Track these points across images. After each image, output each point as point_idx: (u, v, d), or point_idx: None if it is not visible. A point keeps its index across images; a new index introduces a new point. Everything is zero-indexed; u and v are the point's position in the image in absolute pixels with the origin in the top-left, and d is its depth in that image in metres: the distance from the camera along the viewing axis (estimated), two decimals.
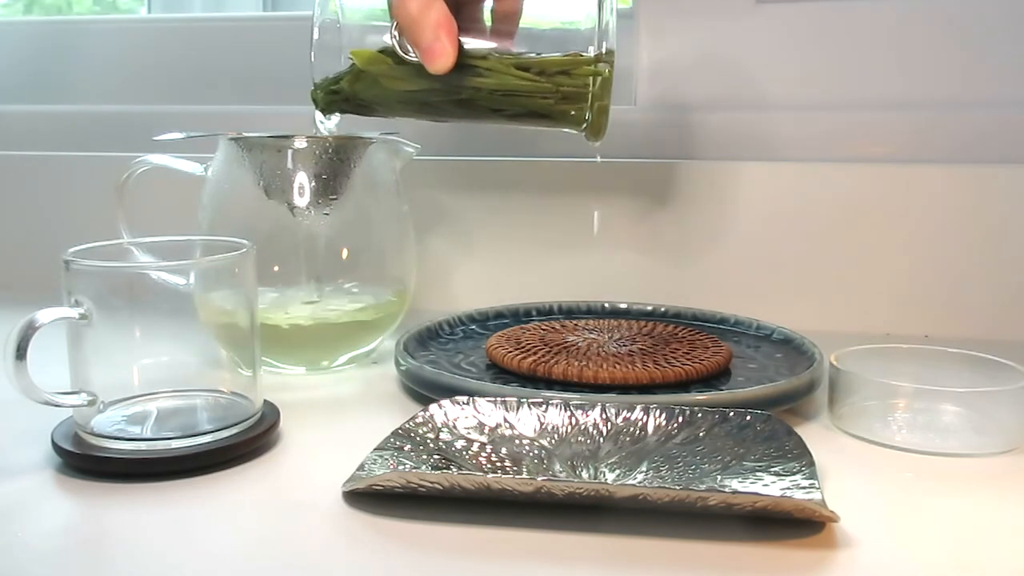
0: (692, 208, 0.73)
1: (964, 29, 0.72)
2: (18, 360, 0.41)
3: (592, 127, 0.55)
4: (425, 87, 0.54)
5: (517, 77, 0.53)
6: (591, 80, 0.52)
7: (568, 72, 0.52)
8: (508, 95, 0.53)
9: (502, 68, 0.53)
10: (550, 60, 0.53)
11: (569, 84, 0.52)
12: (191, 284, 0.45)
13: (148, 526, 0.38)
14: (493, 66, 0.53)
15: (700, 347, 0.57)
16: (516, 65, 0.53)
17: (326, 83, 0.56)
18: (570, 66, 0.52)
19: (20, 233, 0.84)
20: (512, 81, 0.53)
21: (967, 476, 0.44)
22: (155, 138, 0.63)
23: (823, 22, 0.74)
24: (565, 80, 0.52)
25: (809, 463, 0.41)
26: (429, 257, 0.74)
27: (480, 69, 0.53)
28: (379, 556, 0.36)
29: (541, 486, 0.37)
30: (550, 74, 0.53)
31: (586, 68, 0.52)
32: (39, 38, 0.92)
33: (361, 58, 0.55)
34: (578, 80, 0.52)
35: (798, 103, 0.75)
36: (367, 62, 0.55)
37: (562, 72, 0.52)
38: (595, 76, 0.52)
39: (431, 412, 0.46)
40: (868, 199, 0.70)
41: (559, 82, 0.52)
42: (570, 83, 0.52)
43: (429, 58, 0.51)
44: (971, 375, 0.50)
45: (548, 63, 0.53)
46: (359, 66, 0.55)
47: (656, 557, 0.36)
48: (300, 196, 0.58)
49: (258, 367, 0.47)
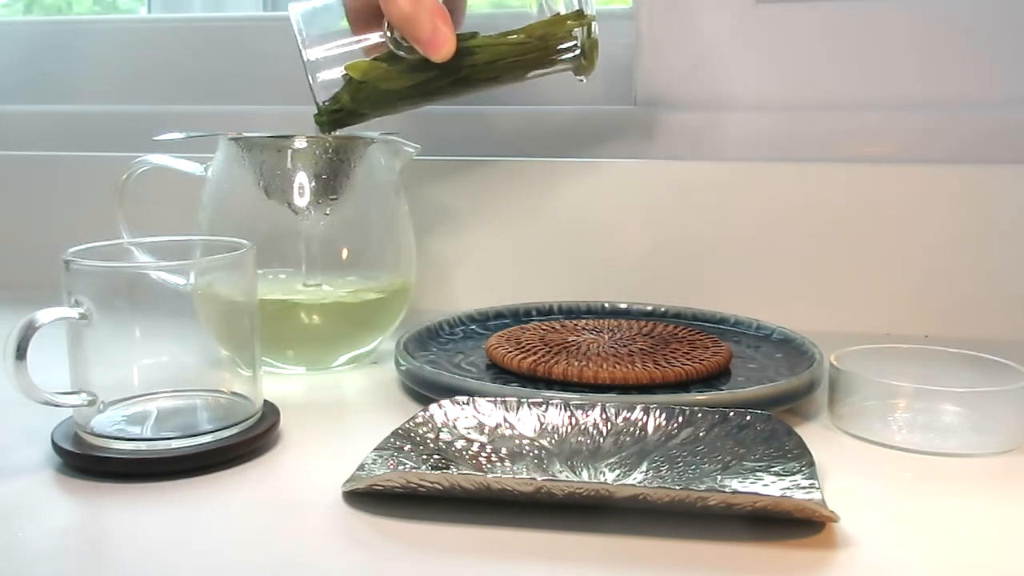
0: (692, 208, 0.73)
1: (963, 29, 0.72)
2: (18, 360, 0.41)
3: (588, 61, 0.57)
4: (424, 77, 0.55)
5: (508, 44, 0.55)
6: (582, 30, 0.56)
7: (551, 33, 0.56)
8: (503, 62, 0.56)
9: (492, 41, 0.55)
10: (533, 25, 0.56)
11: (557, 42, 0.56)
12: (191, 284, 0.45)
13: (148, 526, 0.38)
14: (482, 42, 0.55)
15: (700, 347, 0.57)
16: (502, 35, 0.56)
17: (327, 107, 0.57)
18: (554, 26, 0.56)
19: (20, 233, 0.84)
20: (504, 49, 0.55)
21: (967, 476, 0.44)
22: (155, 138, 0.63)
23: (823, 22, 0.74)
24: (552, 36, 0.56)
25: (809, 463, 0.41)
26: (429, 257, 0.74)
27: (471, 47, 0.55)
28: (379, 556, 0.36)
29: (541, 486, 0.37)
30: (537, 36, 0.56)
31: (569, 23, 0.55)
32: (39, 38, 0.92)
33: (358, 71, 0.56)
34: (565, 32, 0.56)
35: (798, 103, 0.75)
36: (364, 73, 0.56)
37: (544, 34, 0.56)
38: (581, 27, 0.56)
39: (431, 412, 0.46)
40: (868, 199, 0.70)
41: (547, 38, 0.56)
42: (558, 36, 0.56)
43: (433, 48, 0.52)
44: (971, 375, 0.50)
45: (532, 28, 0.56)
46: (357, 79, 0.56)
47: (656, 557, 0.36)
48: (300, 196, 0.58)
49: (258, 367, 0.47)
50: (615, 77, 0.80)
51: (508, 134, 0.78)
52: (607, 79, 0.80)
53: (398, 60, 0.55)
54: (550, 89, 0.81)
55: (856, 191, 0.71)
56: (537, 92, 0.81)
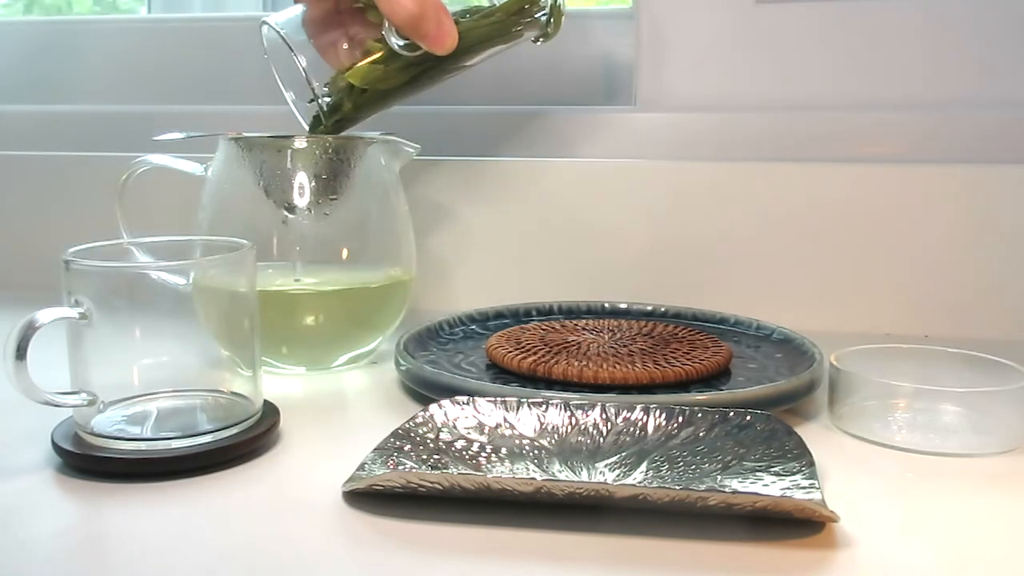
0: (692, 208, 0.73)
1: (964, 29, 0.72)
2: (18, 360, 0.41)
3: (555, 25, 0.61)
4: (418, 71, 0.57)
5: (490, 24, 0.58)
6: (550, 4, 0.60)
7: (525, 8, 0.59)
8: (485, 42, 0.59)
9: (472, 24, 0.58)
10: (505, 5, 0.59)
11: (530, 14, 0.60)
12: (191, 284, 0.45)
13: (148, 526, 0.38)
14: (467, 26, 0.57)
15: (700, 347, 0.57)
16: (482, 17, 0.58)
17: (328, 116, 0.58)
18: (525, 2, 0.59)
19: (20, 233, 0.84)
20: (487, 30, 0.58)
21: (967, 476, 0.44)
22: (155, 138, 0.63)
23: (823, 22, 0.74)
24: (528, 11, 0.59)
25: (809, 463, 0.41)
26: (429, 257, 0.74)
27: (461, 34, 0.56)
28: (379, 556, 0.36)
29: (541, 486, 0.37)
30: (511, 13, 0.59)
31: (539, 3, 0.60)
32: (39, 38, 0.92)
33: (358, 76, 0.56)
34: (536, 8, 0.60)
35: (798, 103, 0.75)
36: (364, 78, 0.56)
37: (520, 9, 0.59)
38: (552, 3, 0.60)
39: (431, 412, 0.46)
40: (868, 199, 0.70)
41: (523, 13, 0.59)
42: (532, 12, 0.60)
43: (439, 43, 0.54)
44: (971, 375, 0.50)
45: (505, 7, 0.59)
46: (358, 85, 0.56)
47: (656, 557, 0.36)
48: (300, 196, 0.58)
49: (258, 367, 0.47)
50: (615, 77, 0.80)
51: (508, 134, 0.78)
52: (607, 79, 0.81)
53: (395, 59, 0.56)
54: (550, 89, 0.81)
55: (856, 191, 0.71)
56: (537, 92, 0.81)
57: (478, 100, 0.80)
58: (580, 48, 0.81)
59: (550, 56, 0.81)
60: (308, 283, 0.59)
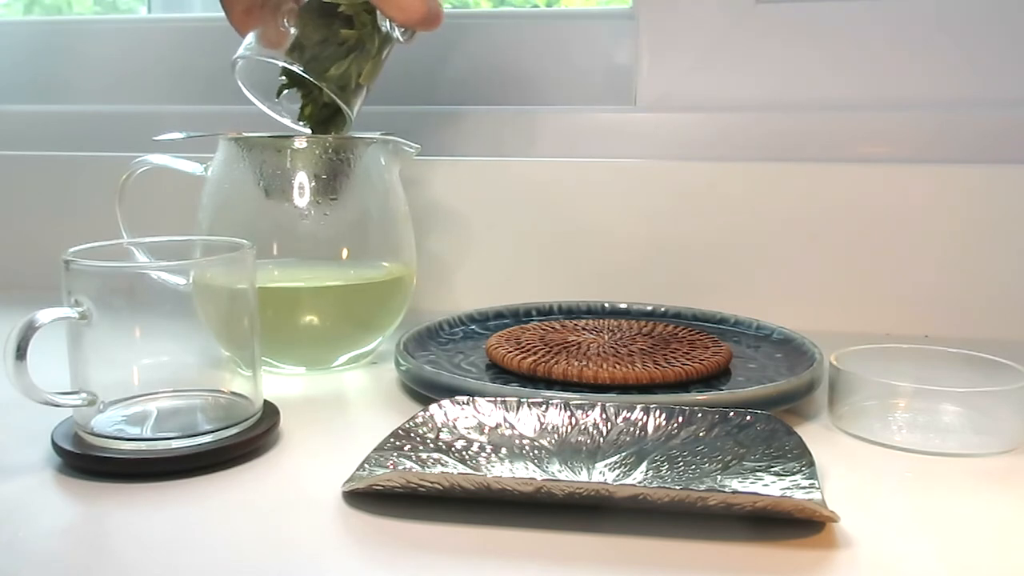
0: (692, 208, 0.73)
1: (964, 29, 0.72)
2: (18, 360, 0.41)
3: None
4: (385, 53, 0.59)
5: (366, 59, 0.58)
6: None
7: None
8: None
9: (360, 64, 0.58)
10: None
11: None
12: (191, 284, 0.45)
13: (148, 526, 0.38)
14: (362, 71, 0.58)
15: (700, 347, 0.57)
16: None
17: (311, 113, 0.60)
18: None
19: (20, 233, 0.84)
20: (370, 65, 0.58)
21: (967, 476, 0.44)
22: (155, 138, 0.63)
23: (823, 22, 0.74)
24: None
25: (809, 463, 0.41)
26: (429, 257, 0.74)
27: None
28: (379, 556, 0.36)
29: (541, 486, 0.37)
30: None
31: None
32: (39, 38, 0.92)
33: (368, 78, 0.58)
34: None
35: (798, 103, 0.75)
36: (370, 75, 0.58)
37: None
38: None
39: (431, 412, 0.46)
40: (868, 199, 0.70)
41: None
42: None
43: (436, 22, 0.55)
44: (971, 375, 0.50)
45: None
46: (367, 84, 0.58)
47: (656, 557, 0.36)
48: (300, 196, 0.58)
49: (258, 367, 0.47)
50: (615, 77, 0.80)
51: (508, 134, 0.78)
52: (607, 79, 0.81)
53: (384, 49, 0.58)
54: (550, 89, 0.81)
55: (856, 191, 0.71)
56: (537, 92, 0.81)
57: (478, 100, 0.81)
58: (580, 48, 0.81)
59: (550, 56, 0.81)
60: (308, 282, 0.59)
